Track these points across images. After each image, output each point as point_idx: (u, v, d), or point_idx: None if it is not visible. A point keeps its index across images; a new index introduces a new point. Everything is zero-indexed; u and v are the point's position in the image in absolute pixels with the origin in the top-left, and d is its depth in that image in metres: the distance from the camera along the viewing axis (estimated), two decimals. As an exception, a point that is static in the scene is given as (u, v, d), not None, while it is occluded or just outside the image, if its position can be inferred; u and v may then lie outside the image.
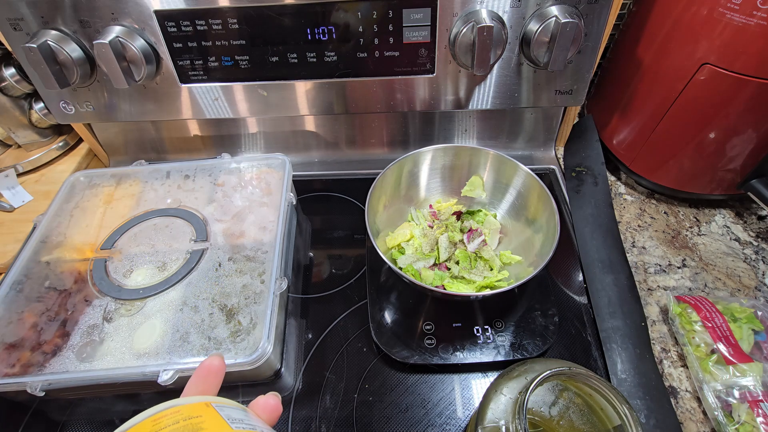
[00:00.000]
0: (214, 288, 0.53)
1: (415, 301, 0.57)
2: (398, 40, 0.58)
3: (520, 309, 0.56)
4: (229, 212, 0.61)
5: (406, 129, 0.76)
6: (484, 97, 0.65)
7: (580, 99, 0.65)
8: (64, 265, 0.56)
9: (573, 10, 0.54)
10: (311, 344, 0.56)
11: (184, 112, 0.67)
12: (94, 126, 0.76)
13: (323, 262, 0.65)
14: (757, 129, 0.57)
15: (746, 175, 0.62)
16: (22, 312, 0.51)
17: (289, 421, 0.49)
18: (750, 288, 0.59)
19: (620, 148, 0.71)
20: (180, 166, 0.67)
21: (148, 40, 0.58)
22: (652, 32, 0.60)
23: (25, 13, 0.56)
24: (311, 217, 0.72)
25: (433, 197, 0.66)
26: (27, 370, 0.46)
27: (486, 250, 0.58)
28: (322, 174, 0.78)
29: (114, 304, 0.52)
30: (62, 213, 0.62)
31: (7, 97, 0.70)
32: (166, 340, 0.48)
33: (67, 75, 0.58)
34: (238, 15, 0.56)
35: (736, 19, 0.49)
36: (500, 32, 0.55)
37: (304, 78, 0.63)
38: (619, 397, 0.35)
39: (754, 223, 0.67)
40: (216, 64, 0.61)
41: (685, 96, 0.58)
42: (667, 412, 0.47)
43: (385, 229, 0.61)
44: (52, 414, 0.51)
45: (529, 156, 0.77)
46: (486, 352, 0.51)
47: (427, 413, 0.49)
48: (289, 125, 0.76)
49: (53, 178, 0.75)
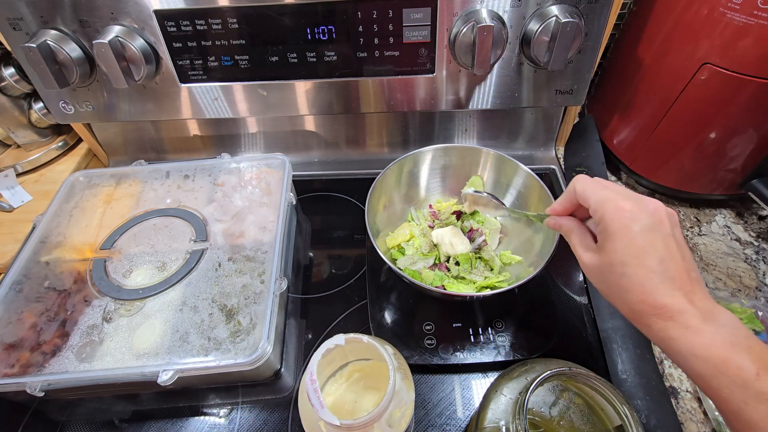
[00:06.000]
0: (214, 288, 0.53)
1: (415, 301, 0.57)
2: (398, 40, 0.58)
3: (521, 309, 0.56)
4: (229, 212, 0.61)
5: (406, 129, 0.76)
6: (484, 96, 0.65)
7: (580, 99, 0.64)
8: (64, 265, 0.56)
9: (573, 9, 0.54)
10: (311, 344, 0.56)
11: (184, 111, 0.67)
12: (94, 126, 0.76)
13: (323, 262, 0.65)
14: (758, 129, 0.57)
15: (747, 175, 0.62)
16: (21, 312, 0.51)
17: (289, 421, 0.49)
18: (751, 288, 0.59)
19: (621, 148, 0.71)
20: (180, 166, 0.67)
21: (147, 39, 0.58)
22: (652, 32, 0.60)
23: (25, 13, 0.56)
24: (311, 217, 0.72)
25: (433, 197, 0.66)
26: (26, 370, 0.46)
27: (486, 251, 0.58)
28: (322, 174, 0.78)
29: (113, 305, 0.52)
30: (62, 213, 0.62)
31: (7, 96, 0.70)
32: (166, 341, 0.48)
33: (66, 75, 0.58)
34: (238, 15, 0.56)
35: (736, 18, 0.49)
36: (500, 32, 0.55)
37: (304, 78, 0.63)
38: (619, 397, 0.35)
39: (754, 223, 0.67)
40: (216, 63, 0.61)
41: (685, 96, 0.58)
42: (667, 412, 0.47)
43: (385, 229, 0.61)
44: (51, 414, 0.51)
45: (530, 156, 0.77)
46: (486, 353, 0.51)
47: (427, 413, 0.49)
48: (289, 125, 0.76)
49: (53, 178, 0.75)
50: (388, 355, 0.35)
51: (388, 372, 0.34)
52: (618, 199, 0.33)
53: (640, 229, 0.32)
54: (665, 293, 0.30)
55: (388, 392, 0.33)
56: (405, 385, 0.39)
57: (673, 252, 0.31)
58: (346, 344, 0.37)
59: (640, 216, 0.32)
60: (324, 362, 0.37)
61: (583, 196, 0.35)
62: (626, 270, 0.32)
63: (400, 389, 0.38)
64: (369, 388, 0.42)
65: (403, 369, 0.40)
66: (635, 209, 0.32)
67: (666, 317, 0.30)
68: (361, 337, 0.37)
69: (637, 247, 0.31)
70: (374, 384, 0.42)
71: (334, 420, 0.32)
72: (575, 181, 0.37)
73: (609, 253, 0.33)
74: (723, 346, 0.28)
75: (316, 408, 0.32)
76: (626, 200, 0.33)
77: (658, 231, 0.32)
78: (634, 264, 0.31)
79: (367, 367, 0.42)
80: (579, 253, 0.36)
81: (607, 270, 0.33)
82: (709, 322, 0.29)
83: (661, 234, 0.32)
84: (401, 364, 0.40)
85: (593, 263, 0.35)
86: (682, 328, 0.29)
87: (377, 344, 0.36)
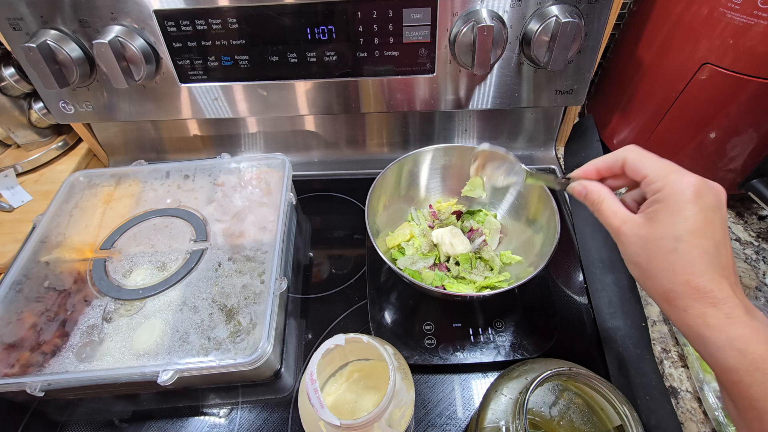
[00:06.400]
0: (214, 288, 0.53)
1: (415, 302, 0.57)
2: (398, 39, 0.58)
3: (521, 309, 0.56)
4: (229, 212, 0.61)
5: (406, 129, 0.76)
6: (484, 96, 0.65)
7: (580, 99, 0.64)
8: (64, 265, 0.56)
9: (573, 9, 0.54)
10: (311, 344, 0.56)
11: (184, 111, 0.67)
12: (94, 126, 0.76)
13: (323, 262, 0.65)
14: (758, 129, 0.57)
15: (747, 174, 0.62)
16: (21, 312, 0.51)
17: (289, 421, 0.49)
18: (751, 288, 0.59)
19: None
20: (180, 166, 0.67)
21: (147, 39, 0.58)
22: (652, 32, 0.60)
23: (25, 13, 0.56)
24: (311, 217, 0.72)
25: (433, 197, 0.66)
26: (26, 370, 0.46)
27: (486, 251, 0.58)
28: (322, 174, 0.78)
29: (113, 305, 0.52)
30: (62, 213, 0.62)
31: (7, 96, 0.70)
32: (166, 341, 0.48)
33: (66, 75, 0.58)
34: (238, 15, 0.56)
35: (736, 18, 0.49)
36: (500, 32, 0.55)
37: (304, 78, 0.63)
38: (619, 397, 0.35)
39: (754, 223, 0.67)
40: (216, 63, 0.61)
41: (685, 96, 0.58)
42: (667, 412, 0.47)
43: (385, 229, 0.61)
44: (51, 414, 0.51)
45: (530, 156, 0.77)
46: (486, 353, 0.51)
47: (427, 413, 0.49)
48: (289, 125, 0.76)
49: (53, 178, 0.75)
50: (388, 355, 0.35)
51: (388, 372, 0.34)
52: (683, 172, 0.31)
53: (704, 207, 0.30)
54: (713, 279, 0.29)
55: (388, 392, 0.33)
56: (405, 385, 0.39)
57: (726, 239, 0.30)
58: (346, 344, 0.37)
59: (705, 193, 0.30)
60: (324, 362, 0.37)
61: (636, 166, 0.33)
62: (679, 246, 0.30)
63: (400, 389, 0.38)
64: (369, 388, 0.42)
65: (403, 369, 0.40)
66: (702, 186, 0.31)
67: (708, 303, 0.28)
68: (361, 337, 0.37)
69: (697, 224, 0.29)
70: (374, 384, 0.42)
71: (334, 420, 0.32)
72: (626, 150, 0.34)
73: (662, 225, 0.30)
74: (765, 342, 0.27)
75: (316, 408, 0.32)
76: (691, 176, 0.31)
77: (719, 213, 0.30)
78: (689, 241, 0.29)
79: (367, 367, 0.42)
80: (614, 223, 0.34)
81: (653, 242, 0.31)
82: (750, 317, 0.28)
83: (720, 217, 0.30)
84: (401, 364, 0.40)
85: (637, 234, 0.32)
86: (723, 316, 0.28)
87: (377, 344, 0.36)
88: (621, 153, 0.35)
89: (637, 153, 0.34)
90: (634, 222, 0.33)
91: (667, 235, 0.30)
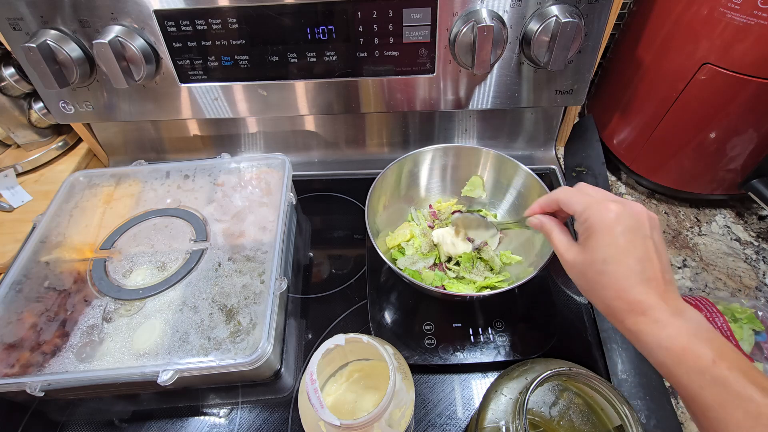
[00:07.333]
0: (214, 288, 0.53)
1: (415, 302, 0.57)
2: (398, 39, 0.58)
3: (521, 309, 0.56)
4: (229, 212, 0.61)
5: (406, 129, 0.76)
6: (484, 96, 0.65)
7: (580, 99, 0.64)
8: (64, 265, 0.56)
9: (573, 9, 0.54)
10: (311, 344, 0.56)
11: (184, 111, 0.67)
12: (94, 126, 0.76)
13: (323, 262, 0.65)
14: (758, 129, 0.57)
15: (747, 175, 0.62)
16: (21, 312, 0.51)
17: (289, 421, 0.49)
18: (751, 288, 0.59)
19: (621, 148, 0.71)
20: (180, 166, 0.67)
21: (147, 39, 0.58)
22: (652, 32, 0.60)
23: (25, 13, 0.56)
24: (311, 217, 0.72)
25: (433, 197, 0.66)
26: (26, 370, 0.46)
27: (486, 251, 0.58)
28: (322, 174, 0.78)
29: (113, 305, 0.52)
30: (61, 213, 0.62)
31: (7, 96, 0.70)
32: (166, 341, 0.48)
33: (66, 75, 0.58)
34: (238, 15, 0.56)
35: (736, 18, 0.49)
36: (500, 32, 0.55)
37: (304, 78, 0.63)
38: (619, 397, 0.35)
39: (754, 223, 0.67)
40: (216, 63, 0.61)
41: (685, 96, 0.58)
42: (667, 412, 0.47)
43: (385, 229, 0.61)
44: (51, 414, 0.51)
45: (530, 156, 0.77)
46: (486, 353, 0.51)
47: (427, 413, 0.49)
48: (289, 125, 0.76)
49: (53, 178, 0.75)
50: (388, 355, 0.35)
51: (388, 372, 0.34)
52: (604, 201, 0.35)
53: (623, 230, 0.34)
54: (640, 291, 0.32)
55: (388, 392, 0.33)
56: (405, 385, 0.39)
57: (650, 254, 0.33)
58: (346, 344, 0.37)
59: (624, 217, 0.34)
60: (324, 362, 0.37)
61: (568, 203, 0.38)
62: (606, 267, 0.34)
63: (400, 389, 0.38)
64: (369, 388, 0.42)
65: (403, 369, 0.40)
66: (620, 210, 0.34)
67: (638, 312, 0.32)
68: (361, 337, 0.37)
69: (619, 246, 0.33)
70: (374, 384, 0.42)
71: (334, 420, 0.32)
72: (557, 192, 0.40)
73: (591, 251, 0.35)
74: (686, 337, 0.30)
75: (316, 408, 0.32)
76: (611, 202, 0.35)
77: (639, 232, 0.34)
78: (615, 262, 0.33)
79: (367, 367, 0.42)
80: (560, 251, 0.39)
81: (588, 267, 0.35)
82: (676, 317, 0.31)
83: (641, 235, 0.34)
84: (401, 364, 0.40)
85: (574, 260, 0.37)
86: (651, 322, 0.31)
87: (377, 344, 0.36)
88: (553, 195, 0.41)
89: (564, 193, 0.39)
90: (574, 249, 0.37)
91: (597, 259, 0.34)
